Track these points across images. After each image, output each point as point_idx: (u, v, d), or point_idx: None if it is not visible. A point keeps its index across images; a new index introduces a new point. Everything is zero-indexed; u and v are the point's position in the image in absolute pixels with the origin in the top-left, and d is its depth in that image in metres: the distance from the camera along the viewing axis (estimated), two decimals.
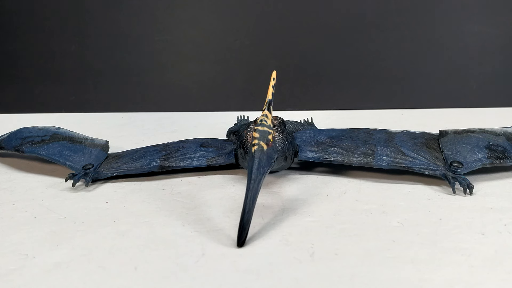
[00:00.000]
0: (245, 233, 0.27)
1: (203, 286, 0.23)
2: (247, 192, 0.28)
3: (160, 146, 0.42)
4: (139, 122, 0.65)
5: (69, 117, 0.70)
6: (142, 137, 0.55)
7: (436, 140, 0.39)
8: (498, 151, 0.36)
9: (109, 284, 0.24)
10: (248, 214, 0.27)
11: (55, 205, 0.34)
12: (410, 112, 0.67)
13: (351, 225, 0.29)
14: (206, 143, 0.41)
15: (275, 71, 0.38)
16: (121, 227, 0.30)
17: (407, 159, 0.36)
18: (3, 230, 0.30)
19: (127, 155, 0.41)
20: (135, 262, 0.26)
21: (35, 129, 0.46)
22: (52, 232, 0.30)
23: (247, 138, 0.36)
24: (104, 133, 0.50)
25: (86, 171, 0.38)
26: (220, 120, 0.62)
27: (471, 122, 0.50)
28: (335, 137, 0.40)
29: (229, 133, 0.52)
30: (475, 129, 0.40)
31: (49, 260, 0.26)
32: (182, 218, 0.31)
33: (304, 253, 0.26)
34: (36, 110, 0.74)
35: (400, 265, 0.24)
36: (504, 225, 0.29)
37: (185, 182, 0.38)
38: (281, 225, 0.29)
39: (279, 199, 0.34)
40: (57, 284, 0.24)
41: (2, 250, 0.27)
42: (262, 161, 0.30)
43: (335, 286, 0.23)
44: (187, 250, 0.27)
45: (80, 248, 0.27)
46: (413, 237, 0.27)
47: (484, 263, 0.24)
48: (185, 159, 0.39)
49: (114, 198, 0.35)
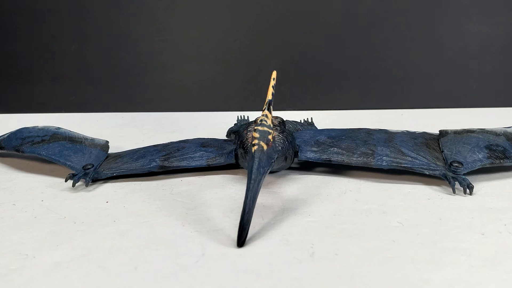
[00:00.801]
0: (245, 233, 0.27)
1: (203, 286, 0.23)
2: (247, 192, 0.28)
3: (160, 146, 0.42)
4: (139, 122, 0.65)
5: (69, 117, 0.70)
6: (142, 137, 0.55)
7: (436, 140, 0.39)
8: (498, 151, 0.36)
9: (109, 284, 0.24)
10: (248, 214, 0.27)
11: (55, 205, 0.34)
12: (410, 112, 0.67)
13: (351, 225, 0.29)
14: (206, 143, 0.41)
15: (275, 71, 0.38)
16: (121, 227, 0.30)
17: (407, 159, 0.36)
18: (3, 230, 0.30)
19: (127, 155, 0.41)
20: (135, 262, 0.26)
21: (35, 129, 0.45)
22: (52, 232, 0.30)
23: (247, 138, 0.36)
24: (104, 133, 0.50)
25: (86, 171, 0.38)
26: (220, 120, 0.62)
27: (471, 122, 0.50)
28: (335, 137, 0.40)
29: (229, 133, 0.52)
30: (475, 129, 0.40)
31: (49, 260, 0.26)
32: (182, 218, 0.31)
33: (304, 253, 0.26)
34: (36, 110, 0.74)
35: (400, 265, 0.24)
36: (504, 225, 0.29)
37: (185, 182, 0.38)
38: (281, 225, 0.29)
39: (279, 199, 0.34)
40: (57, 284, 0.24)
41: (2, 250, 0.27)
42: (262, 161, 0.30)
43: (335, 286, 0.23)
44: (187, 250, 0.27)
45: (80, 248, 0.27)
46: (413, 237, 0.27)
47: (484, 263, 0.24)
48: (185, 159, 0.39)
49: (114, 198, 0.35)
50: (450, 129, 0.41)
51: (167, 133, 0.58)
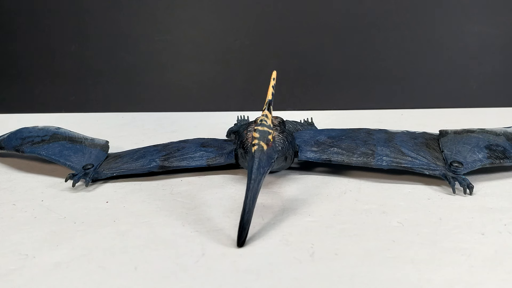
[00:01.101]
0: (245, 233, 0.27)
1: (203, 286, 0.23)
2: (247, 192, 0.28)
3: (160, 146, 0.42)
4: (139, 122, 0.65)
5: (69, 117, 0.70)
6: (142, 137, 0.55)
7: (436, 140, 0.39)
8: (498, 151, 0.36)
9: (109, 284, 0.24)
10: (248, 214, 0.27)
11: (55, 205, 0.34)
12: (410, 112, 0.67)
13: (351, 225, 0.29)
14: (206, 143, 0.41)
15: (275, 71, 0.38)
16: (121, 227, 0.30)
17: (407, 159, 0.36)
18: (3, 230, 0.30)
19: (127, 155, 0.41)
20: (135, 262, 0.26)
21: (35, 129, 0.45)
22: (52, 232, 0.30)
23: (247, 138, 0.36)
24: (104, 133, 0.50)
25: (86, 171, 0.38)
26: (220, 120, 0.62)
27: (471, 122, 0.50)
28: (335, 137, 0.40)
29: (229, 133, 0.52)
30: (475, 129, 0.40)
31: (49, 260, 0.26)
32: (182, 218, 0.31)
33: (304, 253, 0.26)
34: (36, 110, 0.74)
35: (400, 265, 0.24)
36: (504, 225, 0.29)
37: (185, 182, 0.38)
38: (281, 225, 0.29)
39: (279, 199, 0.34)
40: (57, 284, 0.24)
41: (2, 250, 0.27)
42: (262, 161, 0.30)
43: (336, 286, 0.23)
44: (187, 250, 0.27)
45: (80, 248, 0.27)
46: (413, 237, 0.27)
47: (484, 263, 0.24)
48: (185, 159, 0.39)
49: (114, 198, 0.35)
50: (450, 129, 0.41)
51: (167, 133, 0.58)
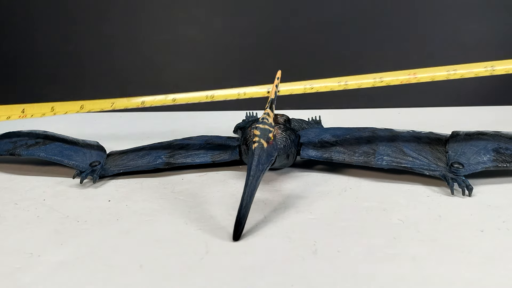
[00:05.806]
0: (241, 228, 0.27)
1: (208, 283, 0.23)
2: (245, 188, 0.28)
3: (165, 143, 0.42)
4: (139, 122, 0.66)
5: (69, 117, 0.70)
6: (142, 137, 0.55)
7: (442, 140, 0.38)
8: (506, 154, 0.35)
9: (115, 282, 0.24)
10: (245, 209, 0.28)
11: (57, 204, 0.34)
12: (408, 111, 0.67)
13: (352, 222, 0.29)
14: (210, 140, 0.42)
15: (279, 71, 0.38)
16: (125, 225, 0.30)
17: (407, 159, 0.36)
18: (7, 229, 0.30)
19: (131, 153, 0.41)
20: (139, 260, 0.26)
21: (22, 133, 0.45)
22: (55, 231, 0.30)
23: (250, 135, 0.37)
24: (104, 133, 0.50)
25: (93, 168, 0.39)
26: (219, 120, 0.62)
27: (471, 122, 0.50)
28: (340, 135, 0.40)
29: (236, 129, 0.52)
30: (489, 132, 0.39)
31: (54, 258, 0.26)
32: (185, 216, 0.31)
33: (307, 250, 0.26)
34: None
35: (401, 262, 0.25)
36: (502, 222, 0.29)
37: (186, 180, 0.38)
38: (283, 223, 0.30)
39: (280, 196, 0.34)
40: (63, 282, 0.24)
41: (7, 248, 0.28)
42: (261, 158, 0.30)
43: (340, 282, 0.23)
44: (191, 248, 0.27)
45: (84, 246, 0.28)
46: (414, 234, 0.28)
47: (483, 260, 0.25)
48: (190, 156, 0.39)
49: (116, 196, 0.35)
50: (462, 131, 0.39)
51: (167, 133, 0.58)
